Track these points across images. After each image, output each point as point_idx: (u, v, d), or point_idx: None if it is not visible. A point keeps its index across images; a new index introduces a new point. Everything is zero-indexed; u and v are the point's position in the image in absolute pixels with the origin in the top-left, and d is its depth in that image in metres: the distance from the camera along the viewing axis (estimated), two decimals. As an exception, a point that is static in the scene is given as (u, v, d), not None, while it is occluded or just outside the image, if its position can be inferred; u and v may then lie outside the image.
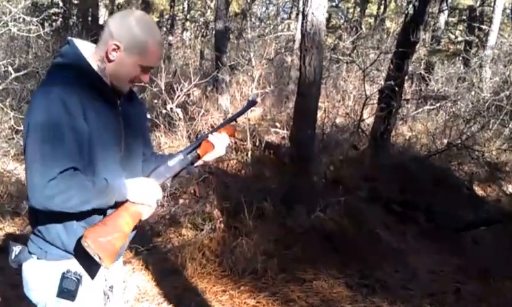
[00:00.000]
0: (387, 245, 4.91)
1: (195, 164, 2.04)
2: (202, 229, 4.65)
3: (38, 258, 1.73)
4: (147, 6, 14.45)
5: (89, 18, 11.38)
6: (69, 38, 1.81)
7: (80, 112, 1.60)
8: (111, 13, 14.35)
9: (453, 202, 6.13)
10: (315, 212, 4.87)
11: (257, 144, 6.70)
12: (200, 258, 4.27)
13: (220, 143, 2.01)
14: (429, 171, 6.66)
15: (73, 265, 1.72)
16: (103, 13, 15.78)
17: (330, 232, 4.75)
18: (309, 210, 4.89)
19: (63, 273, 1.70)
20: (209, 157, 2.04)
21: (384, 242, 4.95)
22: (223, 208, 4.86)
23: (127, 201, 1.72)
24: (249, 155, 6.36)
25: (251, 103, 2.27)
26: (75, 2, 14.02)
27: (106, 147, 1.70)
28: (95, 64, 1.73)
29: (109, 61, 1.71)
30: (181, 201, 5.20)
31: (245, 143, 6.50)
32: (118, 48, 1.68)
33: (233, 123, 2.14)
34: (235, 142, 6.43)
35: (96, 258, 1.63)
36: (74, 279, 1.70)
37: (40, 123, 1.56)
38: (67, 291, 1.70)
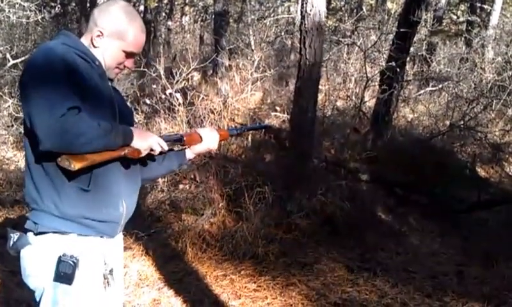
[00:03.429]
0: (389, 228, 4.90)
1: (187, 157, 2.12)
2: (202, 214, 4.64)
3: (34, 234, 1.72)
4: (146, -9, 14.34)
5: (88, 4, 11.30)
6: (64, 30, 1.85)
7: (78, 71, 1.66)
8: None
9: (455, 184, 6.09)
10: (316, 195, 4.84)
11: (257, 128, 6.65)
12: (201, 243, 4.26)
13: (209, 137, 2.08)
14: (431, 153, 6.61)
15: (69, 248, 1.70)
16: (101, -1, 15.68)
17: (331, 215, 4.74)
18: (310, 193, 4.87)
19: (59, 257, 1.68)
20: (197, 149, 2.11)
21: (386, 225, 4.94)
22: (223, 192, 4.84)
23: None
24: (249, 139, 6.32)
25: (263, 127, 2.67)
26: (73, -13, 13.94)
27: (102, 113, 1.71)
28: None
29: (94, 46, 1.81)
30: (181, 186, 5.18)
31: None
32: (102, 34, 1.79)
33: (227, 131, 2.24)
34: (235, 126, 6.39)
35: (66, 163, 1.60)
36: (71, 262, 1.68)
37: (42, 69, 1.61)
38: (64, 275, 1.68)
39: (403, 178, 5.98)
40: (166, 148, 1.84)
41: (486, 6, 13.80)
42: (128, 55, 1.86)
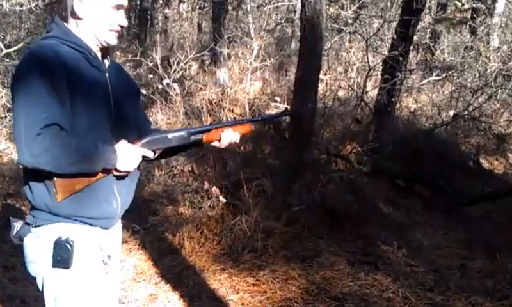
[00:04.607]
0: (390, 221, 4.91)
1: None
2: (200, 207, 4.65)
3: (32, 226, 1.76)
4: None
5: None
6: (55, 16, 1.83)
7: (63, 76, 1.63)
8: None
9: (459, 176, 6.10)
10: (317, 188, 4.85)
11: (257, 119, 6.65)
12: (198, 237, 4.28)
13: (227, 140, 2.04)
14: (435, 144, 6.60)
15: (64, 231, 1.73)
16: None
17: (332, 208, 4.74)
18: (310, 186, 4.87)
19: (55, 241, 1.71)
20: (214, 144, 2.08)
21: (388, 218, 4.94)
22: (221, 185, 4.85)
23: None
24: (248, 130, 6.31)
25: (284, 113, 2.30)
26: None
27: (94, 114, 1.72)
28: (77, 33, 1.77)
29: (79, 18, 1.75)
30: (178, 178, 5.19)
31: (244, 118, 6.46)
32: (81, 0, 1.72)
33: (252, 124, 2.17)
34: (234, 118, 6.40)
35: (53, 190, 1.67)
36: (67, 245, 1.70)
37: (24, 82, 1.61)
38: (61, 259, 1.70)
39: (405, 169, 6.00)
40: (151, 156, 1.87)
41: (491, -7, 13.74)
42: (117, 8, 1.77)
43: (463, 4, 16.86)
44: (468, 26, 12.39)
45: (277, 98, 7.52)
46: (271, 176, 4.94)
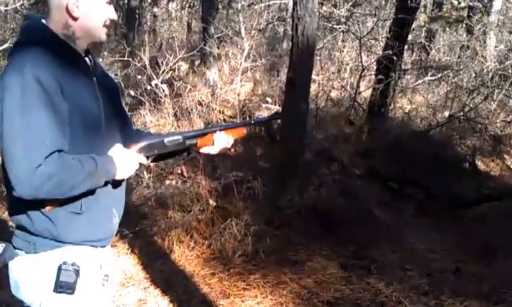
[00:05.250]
0: (384, 224, 4.96)
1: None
2: (190, 211, 4.68)
3: (26, 253, 1.68)
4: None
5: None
6: (27, 13, 1.76)
7: (58, 90, 1.57)
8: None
9: (454, 178, 6.18)
10: (309, 190, 4.92)
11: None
12: (188, 241, 4.32)
13: (221, 145, 2.04)
14: (429, 145, 6.69)
15: (70, 255, 1.68)
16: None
17: (324, 211, 4.80)
18: (302, 188, 4.93)
19: (60, 265, 1.65)
20: (204, 150, 2.06)
21: (381, 221, 5.00)
22: (211, 188, 4.89)
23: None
24: (239, 132, 6.35)
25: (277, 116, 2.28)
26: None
27: (88, 123, 1.67)
28: (60, 35, 1.69)
29: (75, 19, 1.67)
30: (168, 182, 5.23)
31: (235, 120, 6.51)
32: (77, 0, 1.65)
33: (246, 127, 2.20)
34: (224, 120, 6.45)
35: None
36: (72, 270, 1.66)
37: (17, 108, 1.52)
38: (65, 284, 1.65)
39: (399, 172, 6.06)
40: (146, 163, 1.88)
41: (488, -9, 13.87)
42: (110, 2, 1.73)
43: (459, 2, 16.99)
44: (464, 25, 12.51)
45: (268, 99, 7.57)
46: (262, 179, 4.99)
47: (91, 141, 1.68)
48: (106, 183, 1.72)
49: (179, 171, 5.32)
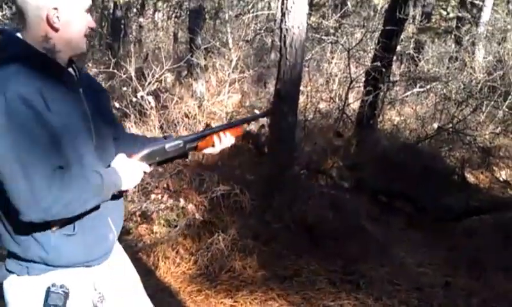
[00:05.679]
0: (373, 238, 4.98)
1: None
2: (176, 226, 4.68)
3: (18, 275, 1.68)
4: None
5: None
6: (1, 28, 1.74)
7: (43, 106, 1.53)
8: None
9: (443, 190, 6.23)
10: (297, 204, 4.92)
11: (235, 133, 6.70)
12: (174, 257, 4.30)
13: (222, 145, 2.05)
14: (418, 158, 6.75)
15: (59, 278, 1.67)
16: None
17: (312, 225, 4.80)
18: (290, 202, 4.93)
19: (48, 288, 1.65)
20: (205, 151, 2.08)
21: (370, 235, 5.01)
22: (198, 202, 4.89)
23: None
24: (226, 144, 6.36)
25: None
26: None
27: (77, 138, 1.64)
28: (40, 49, 1.64)
29: (56, 30, 1.63)
30: (153, 196, 5.20)
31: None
32: (57, 10, 1.61)
33: (245, 125, 2.19)
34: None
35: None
36: (61, 293, 1.65)
37: (6, 131, 1.47)
38: None
39: (388, 184, 6.10)
40: (148, 171, 1.87)
41: (477, 2, 14.08)
42: (88, 12, 1.71)
43: (448, 13, 17.24)
44: (453, 36, 12.69)
45: (256, 111, 7.60)
46: (249, 193, 4.99)
47: (81, 156, 1.64)
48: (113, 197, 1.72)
49: (165, 185, 5.30)
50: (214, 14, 12.37)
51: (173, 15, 13.12)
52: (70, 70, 1.75)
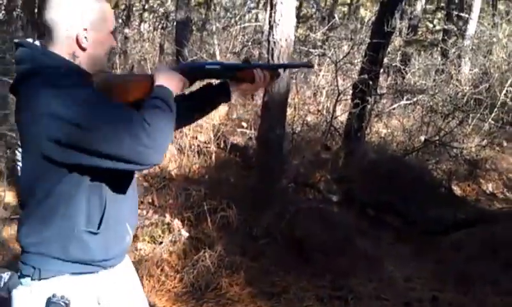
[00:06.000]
0: (361, 253, 4.97)
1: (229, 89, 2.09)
2: (161, 242, 4.61)
3: (31, 279, 1.67)
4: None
5: (35, 10, 11.15)
6: (18, 40, 1.75)
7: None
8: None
9: (431, 203, 6.25)
10: (285, 219, 4.89)
11: (222, 146, 6.70)
12: (159, 274, 4.23)
13: (260, 83, 2.05)
14: (406, 170, 6.78)
15: (61, 287, 1.66)
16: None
17: (300, 240, 4.79)
18: (278, 217, 4.91)
19: (49, 298, 1.65)
20: (244, 87, 2.09)
21: (358, 249, 5.00)
22: (184, 217, 4.85)
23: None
24: (213, 158, 6.35)
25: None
26: (20, -9, 13.69)
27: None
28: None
29: (84, 49, 1.71)
30: (138, 211, 5.15)
31: (209, 145, 6.50)
32: (86, 30, 1.69)
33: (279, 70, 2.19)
34: (198, 145, 6.42)
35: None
36: (62, 303, 1.64)
37: (76, 100, 1.54)
38: None
39: (376, 198, 6.11)
40: (187, 85, 1.90)
41: (463, 14, 14.25)
42: (112, 32, 1.82)
43: (434, 26, 17.44)
44: (439, 48, 12.80)
45: (244, 124, 7.59)
46: (236, 207, 4.96)
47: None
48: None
49: (150, 200, 5.26)
50: (201, 25, 12.40)
51: (160, 26, 13.13)
52: None
